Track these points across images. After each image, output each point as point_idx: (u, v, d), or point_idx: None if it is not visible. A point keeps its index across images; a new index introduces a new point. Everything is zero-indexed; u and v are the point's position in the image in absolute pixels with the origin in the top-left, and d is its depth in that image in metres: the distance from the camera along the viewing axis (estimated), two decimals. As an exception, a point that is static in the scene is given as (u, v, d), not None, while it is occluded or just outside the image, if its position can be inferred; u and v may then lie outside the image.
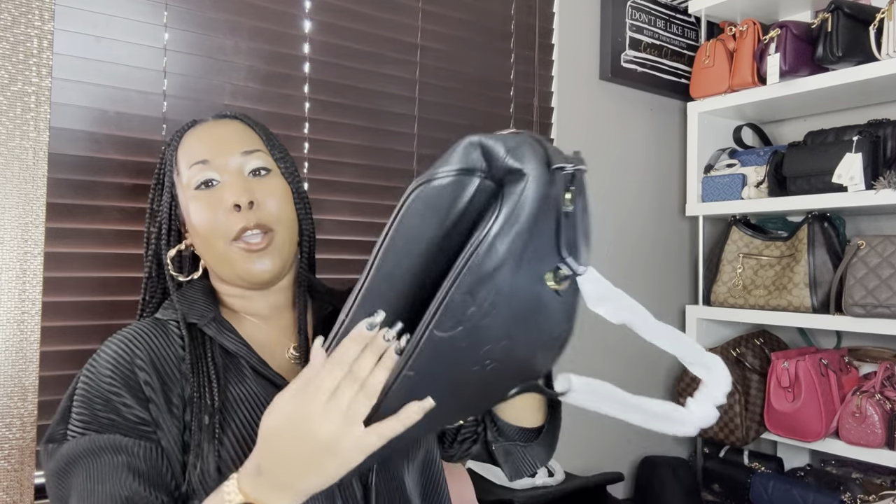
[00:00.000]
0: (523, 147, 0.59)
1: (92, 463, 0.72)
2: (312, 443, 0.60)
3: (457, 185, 0.59)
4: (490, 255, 0.57)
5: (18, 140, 1.17)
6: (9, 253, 1.16)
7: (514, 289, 0.60)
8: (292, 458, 0.61)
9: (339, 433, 0.60)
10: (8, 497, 1.16)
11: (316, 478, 0.62)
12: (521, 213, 0.57)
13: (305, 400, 0.61)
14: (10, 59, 1.17)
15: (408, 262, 0.61)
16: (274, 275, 0.85)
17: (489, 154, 0.59)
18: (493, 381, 0.68)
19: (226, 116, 0.93)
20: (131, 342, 0.80)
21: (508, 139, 0.60)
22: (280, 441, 0.62)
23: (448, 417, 0.73)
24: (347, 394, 0.60)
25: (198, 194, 0.85)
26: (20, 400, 1.17)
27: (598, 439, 2.10)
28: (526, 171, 0.58)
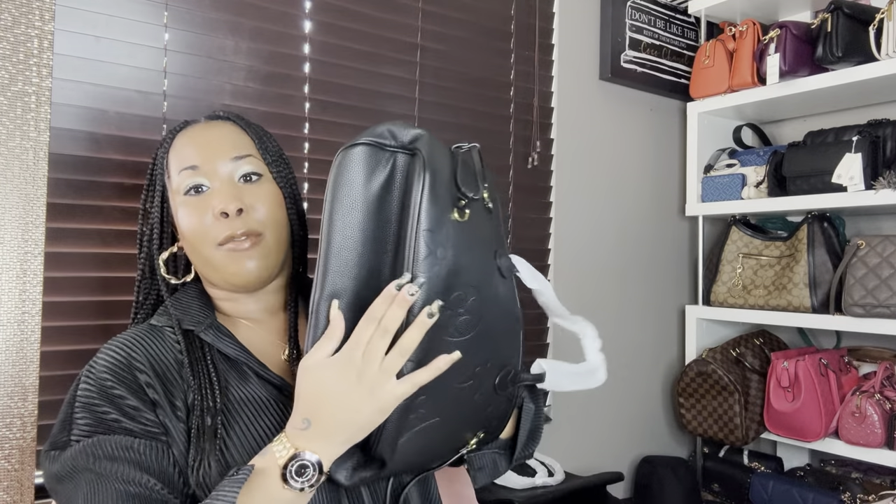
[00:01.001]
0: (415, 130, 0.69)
1: (100, 463, 0.71)
2: (355, 391, 0.65)
3: (373, 149, 0.68)
4: (425, 217, 0.66)
5: (19, 140, 1.17)
6: (9, 253, 1.16)
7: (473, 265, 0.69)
8: (338, 408, 0.65)
9: (375, 381, 0.64)
10: (8, 497, 1.16)
11: (357, 426, 0.66)
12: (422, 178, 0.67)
13: (343, 356, 0.65)
14: (11, 59, 1.17)
15: (353, 227, 0.68)
16: (259, 276, 0.84)
17: (393, 132, 0.69)
18: (484, 378, 0.73)
19: (218, 118, 0.92)
20: (128, 347, 0.80)
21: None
22: (324, 395, 0.66)
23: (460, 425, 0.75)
24: (380, 346, 0.64)
25: (187, 200, 0.85)
26: (20, 400, 1.17)
27: (598, 439, 2.10)
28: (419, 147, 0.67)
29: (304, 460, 0.66)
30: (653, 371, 2.26)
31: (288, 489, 0.66)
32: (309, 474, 0.66)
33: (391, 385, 0.65)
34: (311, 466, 0.66)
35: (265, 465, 0.68)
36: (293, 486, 0.66)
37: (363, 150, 0.68)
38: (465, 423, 0.74)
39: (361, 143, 0.68)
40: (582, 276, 2.06)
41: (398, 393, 0.65)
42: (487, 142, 1.86)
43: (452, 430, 0.73)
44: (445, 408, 0.70)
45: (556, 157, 2.00)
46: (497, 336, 0.74)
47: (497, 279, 0.73)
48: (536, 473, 1.67)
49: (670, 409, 2.30)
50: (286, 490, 0.66)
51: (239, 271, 0.83)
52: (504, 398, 0.77)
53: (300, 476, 0.66)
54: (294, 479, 0.66)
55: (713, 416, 1.99)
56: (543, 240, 1.98)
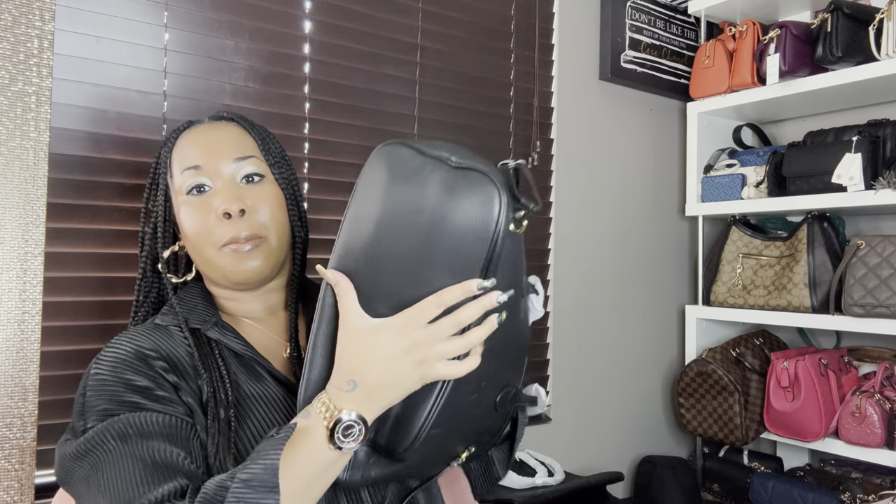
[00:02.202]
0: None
1: (122, 438, 0.70)
2: (404, 361, 0.66)
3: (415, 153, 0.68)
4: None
5: (19, 140, 1.17)
6: (9, 253, 1.17)
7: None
8: (386, 373, 0.66)
9: (428, 358, 0.66)
10: (8, 497, 1.16)
11: (398, 392, 0.68)
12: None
13: (402, 323, 0.66)
14: (11, 59, 1.17)
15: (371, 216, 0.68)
16: (261, 275, 0.85)
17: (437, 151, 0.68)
18: (487, 393, 0.74)
19: (222, 118, 0.92)
20: (136, 340, 0.80)
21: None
22: (374, 357, 0.66)
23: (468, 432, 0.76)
24: (447, 331, 0.66)
25: (189, 199, 0.85)
26: (21, 400, 1.17)
27: (598, 439, 2.10)
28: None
29: (351, 420, 0.66)
30: (653, 371, 2.26)
31: (333, 449, 0.66)
32: (355, 434, 0.66)
33: (441, 365, 0.67)
34: (357, 425, 0.66)
35: (309, 425, 0.67)
36: (342, 446, 0.66)
37: (407, 149, 0.68)
38: (462, 435, 0.75)
39: (406, 145, 0.68)
40: (582, 276, 2.06)
41: (445, 373, 0.67)
42: (487, 142, 1.86)
43: (449, 441, 0.74)
44: (450, 418, 0.71)
45: (556, 157, 2.00)
46: (507, 353, 0.74)
47: (518, 298, 0.73)
48: (536, 473, 1.67)
49: (670, 409, 2.30)
50: (331, 450, 0.66)
51: (240, 270, 0.84)
52: (500, 416, 0.78)
53: (347, 437, 0.66)
54: (342, 439, 0.66)
55: (713, 416, 1.99)
56: (543, 240, 1.99)
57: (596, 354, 2.10)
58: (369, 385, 0.67)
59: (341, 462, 0.68)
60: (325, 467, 0.67)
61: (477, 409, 0.73)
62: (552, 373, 1.99)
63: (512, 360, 0.75)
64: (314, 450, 0.66)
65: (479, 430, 0.77)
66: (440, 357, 0.66)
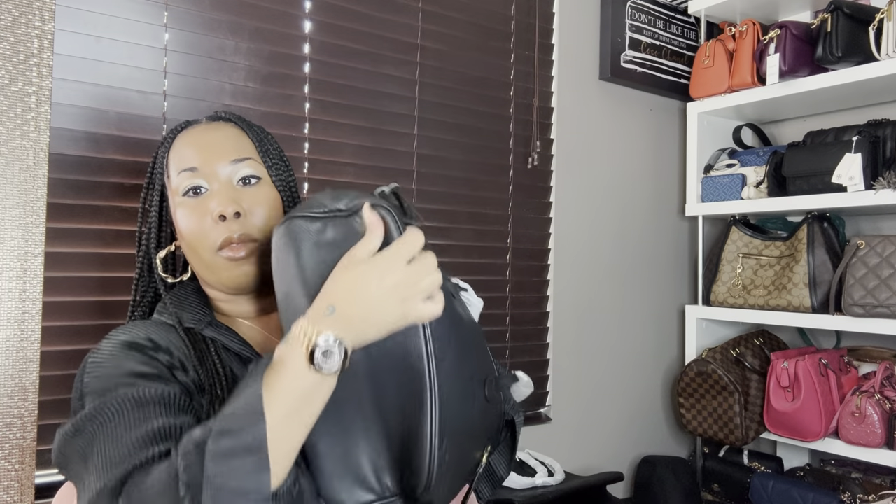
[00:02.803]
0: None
1: (117, 408, 0.70)
2: (388, 296, 0.67)
3: (308, 220, 0.71)
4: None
5: (19, 140, 1.17)
6: (9, 253, 1.16)
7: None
8: (367, 304, 0.67)
9: (412, 296, 0.68)
10: (8, 497, 1.16)
11: (377, 329, 0.68)
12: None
13: (389, 260, 0.68)
14: (11, 59, 1.17)
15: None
16: (254, 281, 0.86)
17: (322, 202, 0.73)
18: (476, 390, 0.76)
19: (220, 119, 0.92)
20: (132, 331, 0.81)
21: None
22: (359, 289, 0.67)
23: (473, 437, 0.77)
24: (430, 264, 0.69)
25: (185, 201, 0.85)
26: (21, 400, 1.17)
27: (598, 439, 2.10)
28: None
29: (329, 343, 0.65)
30: (653, 371, 2.26)
31: (313, 371, 0.65)
32: (335, 356, 0.65)
33: (422, 304, 0.68)
34: (336, 348, 0.65)
35: (287, 352, 0.66)
36: (321, 367, 0.64)
37: (301, 221, 0.71)
38: (475, 441, 0.76)
39: (298, 216, 0.71)
40: (582, 276, 2.06)
41: (426, 313, 0.69)
42: (487, 142, 1.86)
43: (466, 453, 0.75)
44: (457, 433, 0.71)
45: (556, 157, 2.00)
46: (471, 348, 0.76)
47: (450, 299, 0.76)
48: (536, 473, 1.67)
49: (670, 409, 2.30)
50: (311, 373, 0.65)
51: (234, 276, 0.84)
52: (493, 407, 0.79)
53: (326, 358, 0.65)
54: (321, 363, 0.64)
55: (713, 416, 1.99)
56: (543, 240, 1.98)
57: (596, 354, 2.10)
58: (348, 313, 0.66)
59: (324, 388, 0.66)
60: (308, 393, 0.65)
61: (473, 409, 0.74)
62: (552, 373, 1.99)
63: (479, 352, 0.78)
64: (295, 376, 0.65)
65: (484, 428, 0.77)
66: (421, 294, 0.68)
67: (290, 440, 0.64)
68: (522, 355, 1.92)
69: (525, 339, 1.93)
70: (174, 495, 0.60)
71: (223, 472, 0.59)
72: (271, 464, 0.61)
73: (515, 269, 1.92)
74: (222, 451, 0.60)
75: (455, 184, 1.80)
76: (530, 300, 1.95)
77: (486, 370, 0.78)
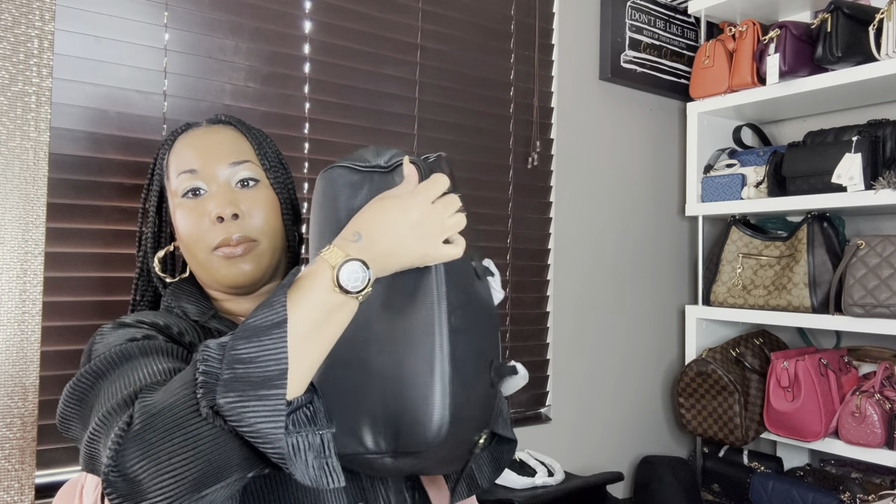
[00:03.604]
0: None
1: (123, 356, 0.71)
2: (411, 230, 0.71)
3: (350, 171, 0.78)
4: None
5: (19, 140, 1.17)
6: (9, 253, 1.17)
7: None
8: (392, 235, 0.70)
9: (433, 233, 0.72)
10: (8, 497, 1.16)
11: (398, 260, 0.71)
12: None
13: (416, 196, 0.72)
14: (11, 59, 1.17)
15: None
16: (251, 279, 0.86)
17: (365, 157, 0.80)
18: (483, 372, 0.77)
19: (220, 122, 0.93)
20: (138, 315, 0.82)
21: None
22: (386, 220, 0.70)
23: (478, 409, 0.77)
24: (454, 205, 0.75)
25: (184, 202, 0.87)
26: (21, 400, 1.17)
27: (598, 439, 2.10)
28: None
29: (357, 265, 0.67)
30: (653, 371, 2.26)
31: (338, 292, 0.66)
32: (360, 278, 0.67)
33: (440, 244, 0.72)
34: (363, 271, 0.67)
35: (314, 270, 0.67)
36: (346, 287, 0.66)
37: (343, 170, 0.77)
38: (475, 420, 0.76)
39: (340, 166, 0.77)
40: (582, 276, 2.06)
41: (445, 252, 0.72)
42: (487, 142, 1.86)
43: (466, 428, 0.75)
44: (462, 404, 0.71)
45: (556, 157, 2.00)
46: (484, 328, 0.78)
47: (474, 280, 0.79)
48: (536, 473, 1.67)
49: (670, 409, 2.30)
50: (336, 293, 0.66)
51: (231, 274, 0.85)
52: (494, 393, 0.81)
53: (352, 279, 0.66)
54: (347, 282, 0.66)
55: (713, 416, 1.99)
56: (543, 240, 1.98)
57: (596, 354, 2.10)
58: (373, 241, 0.69)
59: (348, 308, 0.67)
60: (332, 310, 0.66)
61: (479, 386, 0.75)
62: (552, 373, 1.99)
63: (491, 335, 0.81)
64: (320, 292, 0.66)
65: (485, 411, 0.78)
66: (443, 232, 0.72)
67: (309, 356, 0.64)
68: (522, 355, 1.92)
69: (525, 339, 1.93)
70: (189, 393, 0.60)
71: (245, 372, 0.59)
72: (291, 374, 0.61)
73: (515, 269, 1.92)
74: (243, 355, 0.60)
75: (455, 183, 1.79)
76: (530, 300, 1.95)
77: (494, 353, 0.80)
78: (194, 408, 0.59)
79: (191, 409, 0.59)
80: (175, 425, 0.59)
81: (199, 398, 0.59)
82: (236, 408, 0.58)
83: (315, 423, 0.65)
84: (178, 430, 0.59)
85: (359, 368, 0.71)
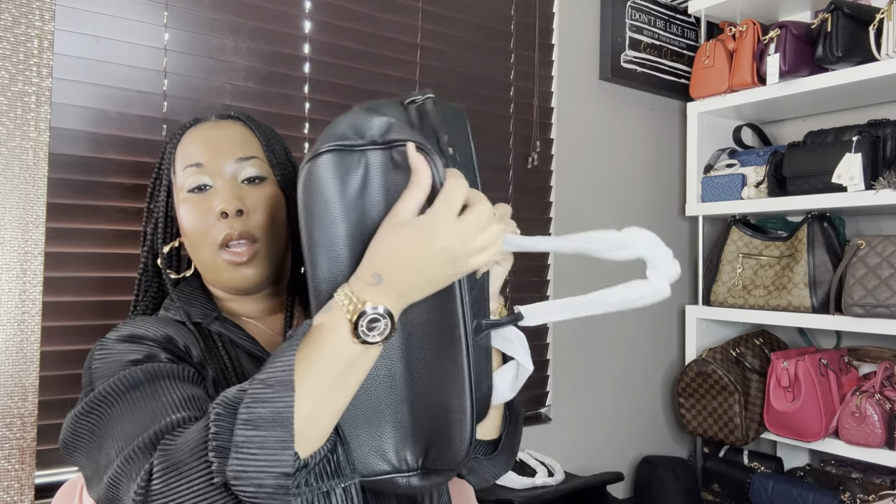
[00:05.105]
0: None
1: (129, 385, 0.70)
2: (437, 260, 0.63)
3: (341, 154, 0.64)
4: None
5: (19, 140, 1.17)
6: (9, 253, 1.17)
7: None
8: (414, 271, 0.63)
9: (463, 255, 0.64)
10: (8, 497, 1.16)
11: (427, 290, 0.65)
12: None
13: (436, 220, 0.63)
14: (11, 59, 1.17)
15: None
16: (258, 283, 0.86)
17: (357, 128, 0.65)
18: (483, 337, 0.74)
19: (228, 117, 0.92)
20: (138, 324, 0.81)
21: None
22: (407, 254, 0.63)
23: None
24: (477, 224, 0.65)
25: (189, 197, 0.86)
26: (20, 400, 1.17)
27: (598, 439, 2.10)
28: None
29: (377, 314, 0.62)
30: (653, 371, 2.26)
31: (358, 343, 0.62)
32: (381, 328, 0.62)
33: (472, 258, 0.65)
34: (383, 319, 0.62)
35: (329, 320, 0.63)
36: (367, 339, 0.62)
37: (330, 157, 0.64)
38: (482, 390, 0.75)
39: (326, 151, 0.64)
40: (582, 277, 2.06)
41: (476, 263, 0.66)
42: (487, 142, 1.86)
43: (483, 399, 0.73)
44: (476, 372, 0.70)
45: (556, 157, 2.00)
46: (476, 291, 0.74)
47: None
48: (536, 473, 1.67)
49: (670, 409, 2.30)
50: (355, 344, 0.62)
51: (236, 278, 0.85)
52: (483, 353, 0.77)
53: (371, 330, 0.62)
54: (366, 332, 0.62)
55: (713, 416, 1.99)
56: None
57: (596, 354, 2.10)
58: (396, 281, 0.63)
59: (367, 359, 0.64)
60: (350, 364, 0.63)
61: (483, 351, 0.73)
62: (552, 373, 1.99)
63: (478, 294, 0.76)
64: (337, 345, 0.62)
65: (486, 377, 0.76)
66: (473, 252, 0.65)
67: (331, 408, 0.63)
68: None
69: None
70: (204, 457, 0.60)
71: (250, 440, 0.58)
72: (310, 429, 0.60)
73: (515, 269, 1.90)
74: (252, 418, 0.59)
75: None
76: (530, 300, 1.94)
77: (477, 311, 0.76)
78: (208, 474, 0.60)
79: (205, 475, 0.60)
80: (191, 492, 0.60)
81: (212, 465, 0.59)
82: (241, 478, 0.58)
83: (339, 475, 0.64)
84: (194, 495, 0.59)
85: (385, 382, 0.68)
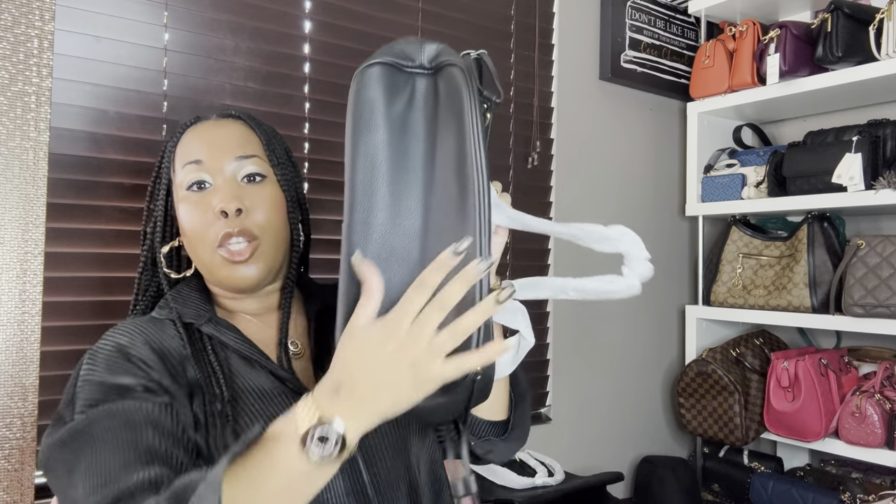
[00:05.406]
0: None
1: (106, 425, 0.70)
2: (395, 364, 0.59)
3: (391, 70, 0.65)
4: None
5: (19, 140, 1.17)
6: (9, 253, 1.17)
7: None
8: (374, 378, 0.60)
9: (421, 359, 0.59)
10: (8, 497, 1.16)
11: (391, 401, 0.60)
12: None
13: (388, 322, 0.59)
14: (11, 59, 1.17)
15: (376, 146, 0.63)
16: (256, 282, 0.86)
17: (407, 53, 0.67)
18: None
19: (229, 116, 0.92)
20: (129, 332, 0.81)
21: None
22: (361, 361, 0.60)
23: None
24: (433, 320, 0.59)
25: (189, 195, 0.86)
26: (20, 400, 1.17)
27: (598, 439, 2.10)
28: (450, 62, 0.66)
29: (326, 431, 0.59)
30: (653, 371, 2.26)
31: (304, 460, 0.59)
32: (330, 447, 0.58)
33: (437, 366, 0.59)
34: (334, 436, 0.59)
35: (282, 430, 0.62)
36: (312, 456, 0.59)
37: (380, 69, 0.65)
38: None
39: (377, 63, 0.65)
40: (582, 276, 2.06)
41: (445, 375, 0.59)
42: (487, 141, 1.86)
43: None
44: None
45: (556, 157, 2.00)
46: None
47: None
48: (536, 473, 1.67)
49: (670, 409, 2.30)
50: (302, 461, 0.59)
51: (234, 278, 0.85)
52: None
53: (320, 446, 0.59)
54: (314, 447, 0.59)
55: (713, 416, 1.99)
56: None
57: (596, 354, 2.10)
58: (356, 391, 0.60)
59: (318, 477, 0.61)
60: (296, 479, 0.61)
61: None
62: (552, 373, 1.99)
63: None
64: (284, 457, 0.60)
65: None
66: (434, 355, 0.59)
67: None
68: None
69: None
70: None
71: None
72: None
73: (515, 270, 1.92)
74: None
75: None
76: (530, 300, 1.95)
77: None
78: None
79: None
80: None
81: None
82: None
83: None
84: None
85: None
